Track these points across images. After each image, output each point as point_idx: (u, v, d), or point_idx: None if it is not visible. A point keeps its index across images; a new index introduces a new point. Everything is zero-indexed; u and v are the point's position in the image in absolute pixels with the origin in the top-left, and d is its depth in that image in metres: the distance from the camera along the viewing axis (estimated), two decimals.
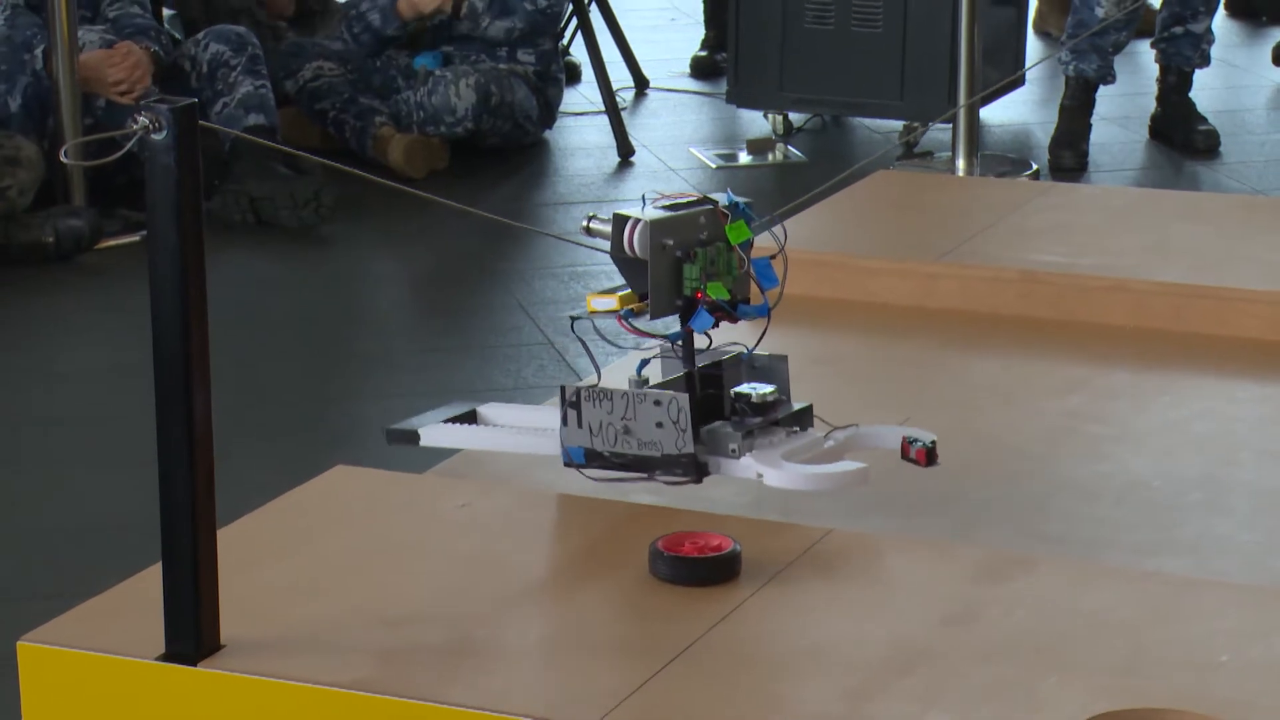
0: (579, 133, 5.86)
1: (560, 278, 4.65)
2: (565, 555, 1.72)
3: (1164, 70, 5.47)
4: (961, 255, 2.41)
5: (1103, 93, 5.60)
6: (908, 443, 1.83)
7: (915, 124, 5.59)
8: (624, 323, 1.80)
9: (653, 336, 1.81)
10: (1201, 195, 4.39)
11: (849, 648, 1.57)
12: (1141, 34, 5.81)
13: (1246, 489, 1.95)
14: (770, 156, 5.61)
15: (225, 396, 1.82)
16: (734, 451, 1.78)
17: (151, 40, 5.19)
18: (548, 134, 5.75)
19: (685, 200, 1.81)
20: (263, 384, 4.03)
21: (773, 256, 1.84)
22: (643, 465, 1.77)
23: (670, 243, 1.78)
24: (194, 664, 1.52)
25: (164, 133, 1.47)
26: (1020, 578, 1.67)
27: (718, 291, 1.79)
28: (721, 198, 1.83)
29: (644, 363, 1.82)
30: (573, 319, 1.86)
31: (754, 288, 1.83)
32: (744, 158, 5.61)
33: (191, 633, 1.52)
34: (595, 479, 1.80)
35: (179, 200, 1.48)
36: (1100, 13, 5.37)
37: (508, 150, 5.58)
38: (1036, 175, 5.29)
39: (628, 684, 1.50)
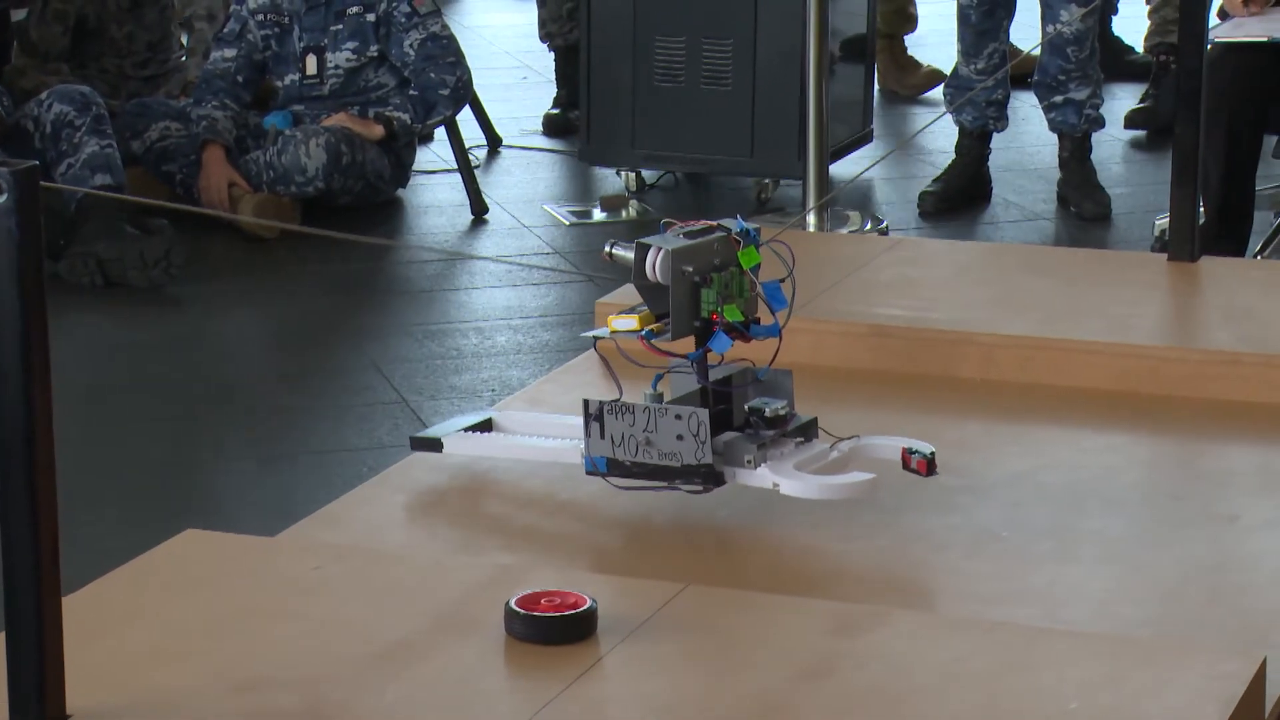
0: (432, 191, 5.85)
1: (415, 336, 4.63)
2: (420, 616, 1.71)
3: (1060, 137, 5.50)
4: (813, 310, 2.43)
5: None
6: (908, 453, 1.94)
7: (766, 180, 5.63)
8: (645, 343, 1.90)
9: (674, 356, 1.91)
10: (1046, 249, 4.46)
11: (706, 703, 1.57)
12: (1018, 78, 5.79)
13: (1094, 537, 1.98)
14: (624, 213, 5.63)
15: (72, 462, 1.79)
16: (749, 462, 1.88)
17: None
18: (401, 192, 5.73)
19: (700, 228, 1.92)
20: (111, 449, 3.97)
21: (781, 280, 1.93)
22: (663, 474, 1.88)
23: (689, 269, 1.88)
24: None
25: (4, 196, 1.45)
26: (874, 631, 1.68)
27: (733, 314, 1.90)
28: (733, 224, 1.92)
29: (658, 378, 1.91)
30: (595, 339, 1.97)
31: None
32: (598, 214, 5.63)
33: (36, 704, 1.49)
34: (619, 487, 1.90)
35: (20, 264, 1.46)
36: (962, 67, 5.43)
37: (361, 209, 5.56)
38: (885, 231, 5.35)
39: None
